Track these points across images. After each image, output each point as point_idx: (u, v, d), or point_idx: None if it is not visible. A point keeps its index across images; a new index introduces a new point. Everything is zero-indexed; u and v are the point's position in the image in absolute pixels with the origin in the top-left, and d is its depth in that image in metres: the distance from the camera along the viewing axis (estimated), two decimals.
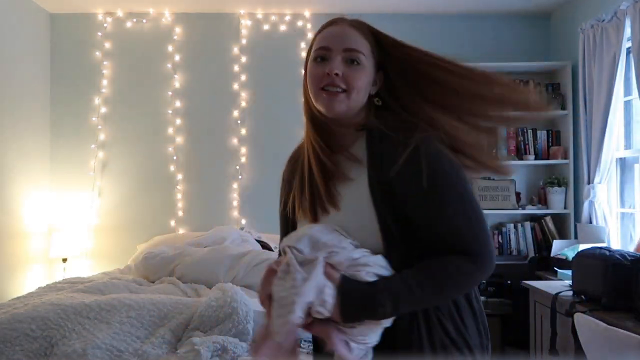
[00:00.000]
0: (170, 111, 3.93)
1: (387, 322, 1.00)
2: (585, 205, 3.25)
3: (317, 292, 0.92)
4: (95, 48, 3.93)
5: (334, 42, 1.11)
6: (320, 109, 1.08)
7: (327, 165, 1.10)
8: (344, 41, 1.11)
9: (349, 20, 1.19)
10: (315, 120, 1.12)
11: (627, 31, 2.88)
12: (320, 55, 1.10)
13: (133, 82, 3.94)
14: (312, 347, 1.20)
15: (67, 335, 1.43)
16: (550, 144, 3.76)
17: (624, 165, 3.22)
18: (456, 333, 1.04)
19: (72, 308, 1.56)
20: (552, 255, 3.25)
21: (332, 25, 1.16)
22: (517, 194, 3.77)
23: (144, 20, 3.95)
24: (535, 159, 3.74)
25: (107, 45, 3.93)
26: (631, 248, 2.88)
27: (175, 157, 3.92)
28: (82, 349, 1.39)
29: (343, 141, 1.12)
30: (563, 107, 3.67)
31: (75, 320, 1.50)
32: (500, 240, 3.73)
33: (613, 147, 3.10)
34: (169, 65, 3.94)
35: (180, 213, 3.90)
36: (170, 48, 3.95)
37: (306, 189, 1.11)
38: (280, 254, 1.10)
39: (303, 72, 1.15)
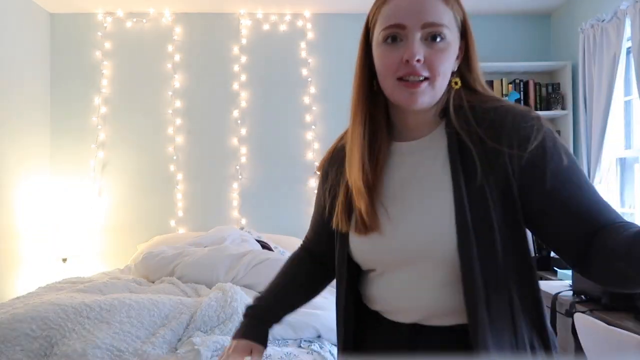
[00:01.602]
0: (170, 111, 3.94)
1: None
2: None
3: None
4: (95, 48, 3.93)
5: (409, 16, 0.86)
6: (399, 103, 0.91)
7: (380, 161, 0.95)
8: (422, 13, 0.86)
9: None
10: (377, 108, 0.98)
11: (627, 31, 2.88)
12: (392, 34, 0.88)
13: (133, 82, 3.94)
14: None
15: (67, 335, 1.43)
16: None
17: (624, 165, 3.22)
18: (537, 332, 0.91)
19: (72, 308, 1.56)
20: (552, 255, 3.25)
21: None
22: None
23: (144, 20, 3.96)
24: None
25: (107, 45, 3.93)
26: None
27: (175, 157, 3.93)
28: (82, 348, 1.39)
29: (416, 132, 0.96)
30: (563, 107, 3.67)
31: (75, 320, 1.49)
32: None
33: (613, 147, 3.10)
34: (169, 65, 3.94)
35: (180, 213, 3.90)
36: (170, 48, 3.95)
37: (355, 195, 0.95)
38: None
39: (359, 49, 1.00)
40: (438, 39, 0.87)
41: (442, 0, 0.89)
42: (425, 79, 0.86)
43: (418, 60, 0.85)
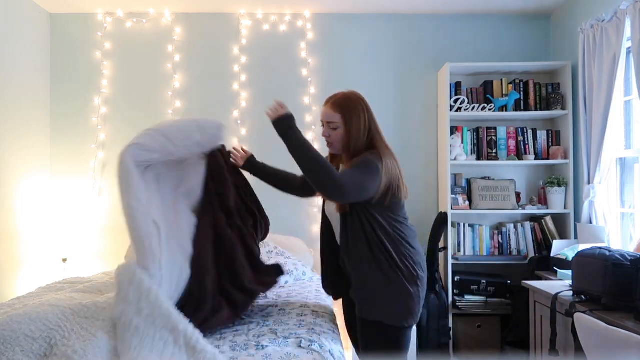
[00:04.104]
0: (170, 111, 3.94)
1: None
2: (585, 205, 3.25)
3: None
4: (95, 48, 3.93)
5: (322, 117, 2.16)
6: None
7: None
8: (324, 117, 2.12)
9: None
10: None
11: (627, 31, 2.88)
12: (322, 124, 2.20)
13: (133, 82, 3.94)
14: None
15: (67, 336, 1.43)
16: (550, 144, 3.77)
17: (624, 165, 3.22)
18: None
19: (70, 309, 1.56)
20: (552, 255, 3.25)
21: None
22: (517, 194, 3.77)
23: (144, 20, 3.96)
24: (535, 159, 3.74)
25: (107, 45, 3.93)
26: (631, 248, 2.88)
27: None
28: (82, 349, 1.39)
29: None
30: (563, 107, 3.67)
31: (74, 321, 1.49)
32: (500, 240, 3.73)
33: (613, 147, 3.10)
34: (169, 65, 3.95)
35: None
36: (170, 48, 3.95)
37: None
38: None
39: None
40: (331, 127, 2.07)
41: (331, 109, 2.07)
42: (330, 143, 2.11)
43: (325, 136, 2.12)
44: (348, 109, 2.01)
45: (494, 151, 3.76)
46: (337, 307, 2.49)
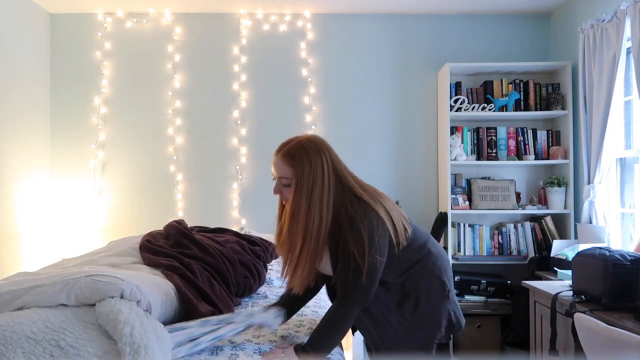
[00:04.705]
0: (170, 111, 3.94)
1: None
2: (585, 205, 3.25)
3: None
4: (95, 48, 3.93)
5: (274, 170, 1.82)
6: None
7: None
8: (277, 171, 1.81)
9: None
10: None
11: (627, 31, 2.88)
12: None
13: (133, 82, 3.94)
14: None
15: (67, 339, 1.43)
16: (550, 144, 3.77)
17: (624, 165, 3.23)
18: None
19: (71, 311, 1.56)
20: (552, 255, 3.25)
21: None
22: (517, 194, 3.77)
23: (144, 20, 3.95)
24: (535, 159, 3.74)
25: (107, 45, 3.93)
26: (631, 248, 2.88)
27: (175, 157, 3.93)
28: (88, 351, 1.39)
29: None
30: (563, 107, 3.67)
31: (76, 323, 1.49)
32: (500, 241, 3.73)
33: (613, 147, 3.10)
34: (169, 65, 3.95)
35: (181, 213, 3.90)
36: (170, 48, 3.95)
37: None
38: None
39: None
40: (283, 183, 1.69)
41: (281, 160, 1.72)
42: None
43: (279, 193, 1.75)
44: (302, 163, 1.65)
45: (494, 151, 3.76)
46: None
